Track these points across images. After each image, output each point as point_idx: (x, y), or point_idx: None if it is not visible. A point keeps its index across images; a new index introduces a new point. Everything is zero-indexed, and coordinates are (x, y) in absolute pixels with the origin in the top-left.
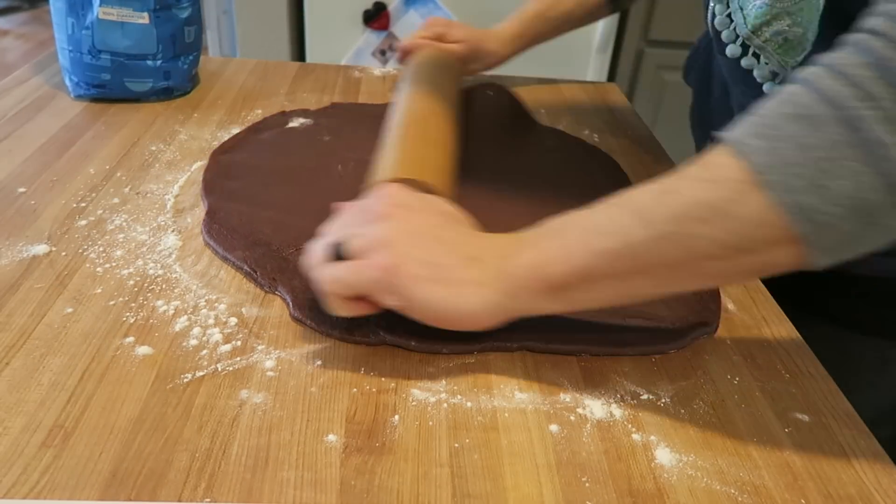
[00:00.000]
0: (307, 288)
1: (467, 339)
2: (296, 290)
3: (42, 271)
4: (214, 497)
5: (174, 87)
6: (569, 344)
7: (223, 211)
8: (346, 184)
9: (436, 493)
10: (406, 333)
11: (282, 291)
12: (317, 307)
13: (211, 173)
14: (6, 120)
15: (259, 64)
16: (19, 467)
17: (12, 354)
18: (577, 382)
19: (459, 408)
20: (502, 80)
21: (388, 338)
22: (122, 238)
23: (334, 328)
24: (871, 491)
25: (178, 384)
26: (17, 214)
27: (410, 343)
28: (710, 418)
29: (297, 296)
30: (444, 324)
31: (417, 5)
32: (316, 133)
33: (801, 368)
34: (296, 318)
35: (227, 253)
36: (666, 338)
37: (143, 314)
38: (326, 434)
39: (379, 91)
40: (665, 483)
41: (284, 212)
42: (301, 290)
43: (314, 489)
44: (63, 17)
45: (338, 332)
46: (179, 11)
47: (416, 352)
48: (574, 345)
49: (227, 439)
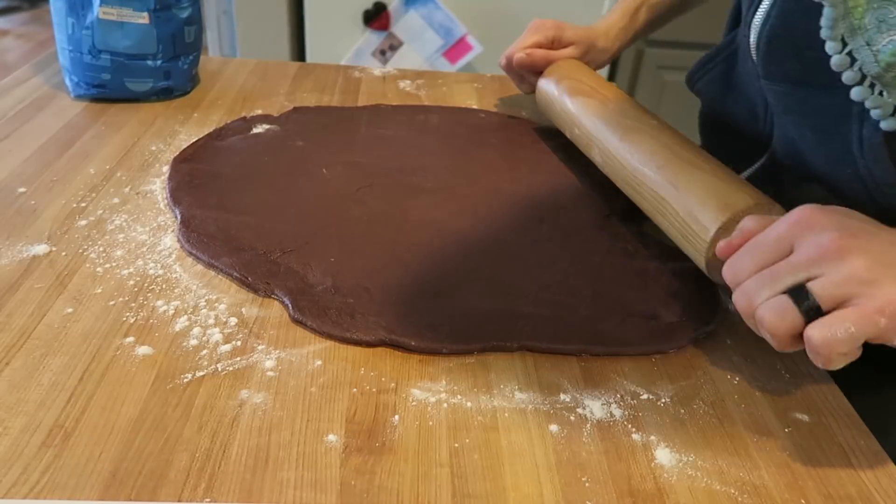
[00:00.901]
0: (304, 289)
1: (467, 338)
2: (293, 291)
3: (42, 271)
4: (214, 497)
5: (174, 87)
6: (568, 343)
7: (197, 219)
8: (334, 187)
9: (436, 493)
10: (406, 333)
11: (279, 295)
12: (315, 309)
13: (175, 182)
14: (6, 120)
15: (259, 64)
16: (19, 467)
17: (12, 354)
18: (577, 382)
19: (459, 408)
20: (502, 81)
21: (387, 337)
22: (122, 238)
23: (334, 328)
24: (871, 491)
25: (178, 384)
26: (17, 214)
27: (410, 343)
28: (710, 418)
29: (295, 298)
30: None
31: (417, 5)
32: (285, 138)
33: (801, 368)
34: (296, 319)
35: (213, 260)
36: (665, 337)
37: (143, 314)
38: (326, 434)
39: (379, 91)
40: (665, 483)
41: (262, 217)
42: (298, 292)
43: (314, 489)
44: (63, 17)
45: (338, 332)
46: (179, 11)
47: (415, 352)
48: (574, 344)
49: (227, 439)
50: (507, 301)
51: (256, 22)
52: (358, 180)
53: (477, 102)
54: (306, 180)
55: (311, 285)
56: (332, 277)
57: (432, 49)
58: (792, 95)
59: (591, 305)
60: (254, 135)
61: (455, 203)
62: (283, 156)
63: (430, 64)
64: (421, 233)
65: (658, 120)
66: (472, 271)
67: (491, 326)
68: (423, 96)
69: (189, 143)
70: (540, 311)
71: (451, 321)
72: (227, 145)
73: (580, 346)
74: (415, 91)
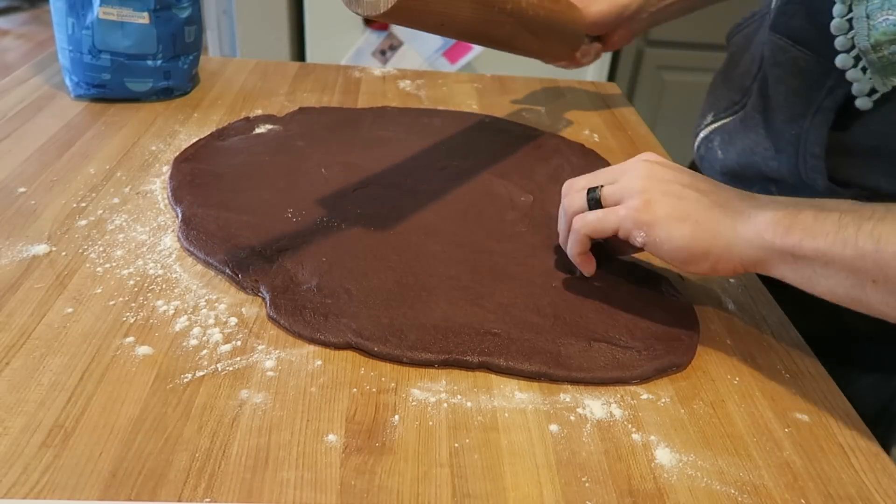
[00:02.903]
0: (289, 288)
1: (428, 349)
2: (276, 290)
3: (42, 271)
4: (214, 497)
5: (174, 87)
6: (529, 364)
7: (198, 217)
8: (332, 186)
9: (436, 493)
10: (371, 337)
11: (262, 292)
12: (291, 308)
13: (176, 181)
14: (6, 120)
15: (259, 64)
16: (19, 467)
17: (12, 354)
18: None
19: (459, 408)
20: (502, 81)
21: (353, 340)
22: (122, 238)
23: (305, 328)
24: (871, 491)
25: (178, 384)
26: (17, 214)
27: (373, 348)
28: (710, 418)
29: (275, 296)
30: (683, 263)
31: None
32: (287, 139)
33: (801, 368)
34: (271, 317)
35: (209, 257)
36: (630, 367)
37: (143, 314)
38: (326, 434)
39: (379, 91)
40: (665, 483)
41: (262, 215)
42: (281, 290)
43: (314, 489)
44: (63, 17)
45: (308, 333)
46: (179, 11)
47: (377, 358)
48: (535, 365)
49: (227, 439)
50: (478, 314)
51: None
52: (355, 181)
53: (477, 103)
54: (306, 180)
55: (298, 284)
56: (319, 277)
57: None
58: (787, 52)
59: (557, 327)
60: (255, 135)
61: (448, 207)
62: (283, 156)
63: (430, 64)
64: (410, 236)
65: None
66: (450, 279)
67: (456, 339)
68: (423, 96)
69: (189, 143)
70: (507, 329)
71: (418, 329)
72: (228, 145)
73: (540, 367)
74: (415, 91)
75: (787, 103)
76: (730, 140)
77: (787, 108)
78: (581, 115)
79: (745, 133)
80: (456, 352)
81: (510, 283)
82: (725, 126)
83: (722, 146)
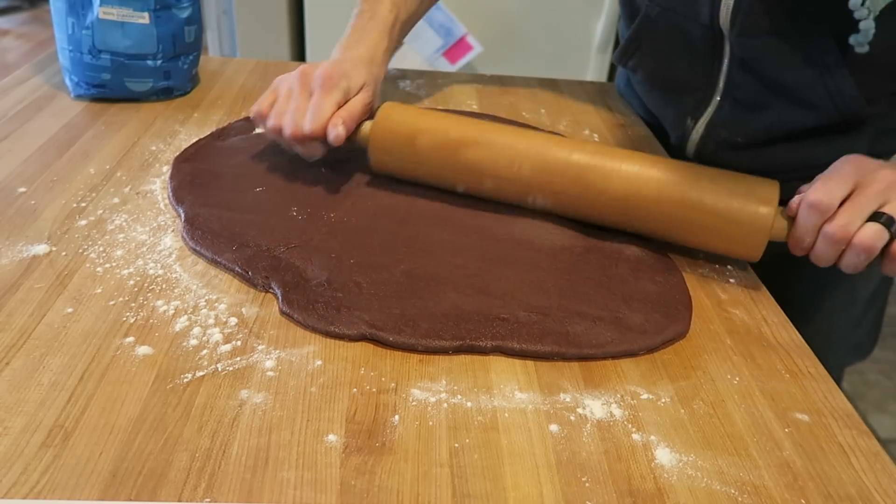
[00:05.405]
0: (299, 283)
1: (442, 337)
2: (288, 285)
3: (42, 271)
4: (214, 497)
5: (174, 87)
6: (541, 345)
7: (201, 217)
8: (335, 186)
9: (436, 493)
10: (385, 328)
11: (274, 288)
12: (303, 302)
13: (176, 181)
14: (6, 120)
15: (259, 64)
16: (19, 467)
17: (12, 354)
18: (577, 382)
19: (459, 408)
20: (502, 81)
21: (368, 332)
22: (122, 238)
23: (319, 322)
24: (871, 491)
25: (178, 384)
26: (17, 214)
27: (388, 338)
28: (710, 418)
29: (287, 291)
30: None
31: None
32: None
33: (801, 368)
34: (284, 312)
35: (217, 256)
36: (635, 340)
37: (143, 314)
38: (326, 434)
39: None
40: (665, 483)
41: (266, 214)
42: (293, 286)
43: (314, 489)
44: (63, 16)
45: (322, 326)
46: (179, 11)
47: (392, 347)
48: (547, 346)
49: (227, 439)
50: (485, 301)
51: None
52: (357, 178)
53: (477, 103)
54: (307, 179)
55: (308, 279)
56: (329, 272)
57: (432, 49)
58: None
59: (562, 308)
60: (256, 135)
61: (451, 197)
62: (283, 155)
63: (430, 64)
64: (417, 226)
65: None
66: (458, 267)
67: (467, 325)
68: (423, 96)
69: (189, 143)
70: (514, 313)
71: (430, 318)
72: (228, 145)
73: (552, 347)
74: (415, 91)
75: (792, 52)
76: (745, 122)
77: (795, 53)
78: (581, 115)
79: (758, 112)
80: (469, 338)
81: (515, 268)
82: (712, 120)
83: (737, 130)
